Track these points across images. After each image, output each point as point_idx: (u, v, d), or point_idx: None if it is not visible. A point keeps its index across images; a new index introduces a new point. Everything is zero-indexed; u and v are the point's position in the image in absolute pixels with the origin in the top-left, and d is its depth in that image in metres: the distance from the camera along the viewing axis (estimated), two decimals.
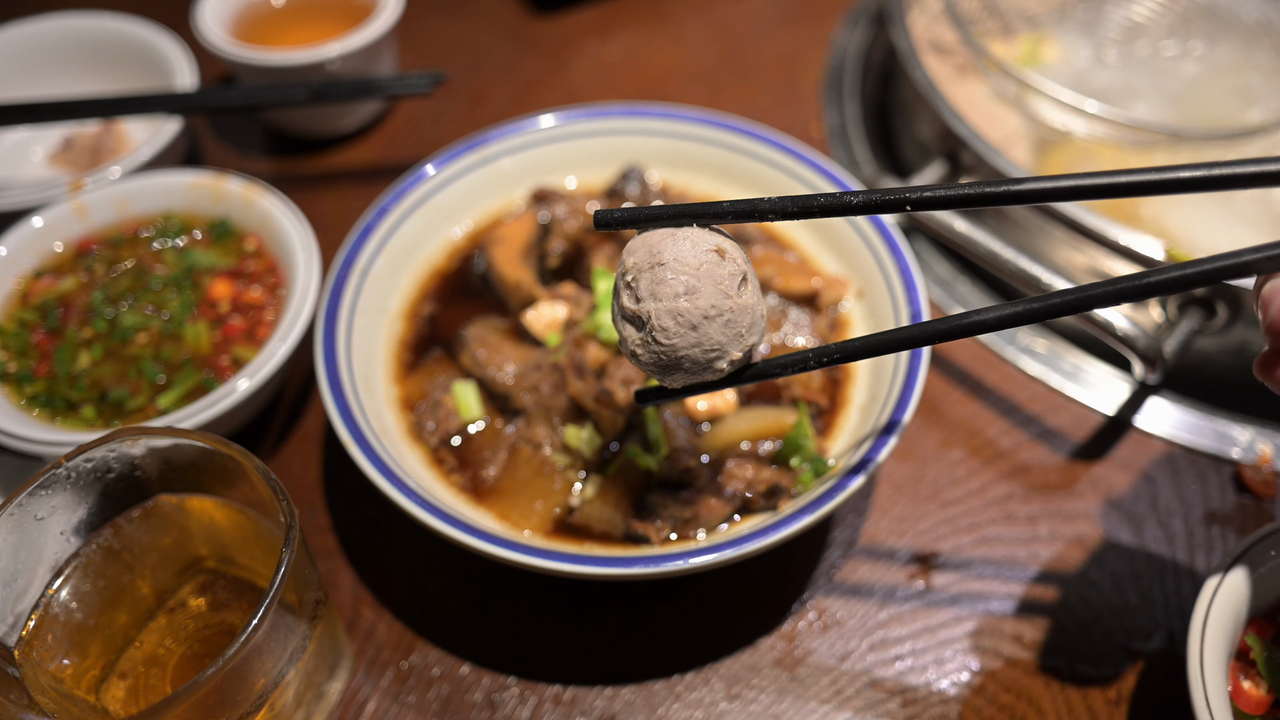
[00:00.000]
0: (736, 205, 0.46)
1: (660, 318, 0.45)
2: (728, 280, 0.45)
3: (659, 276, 0.44)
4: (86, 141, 0.88)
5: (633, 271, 0.46)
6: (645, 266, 0.45)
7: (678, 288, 0.44)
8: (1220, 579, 0.54)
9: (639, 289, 0.45)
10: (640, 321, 0.46)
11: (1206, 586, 0.54)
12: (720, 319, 0.45)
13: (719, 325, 0.45)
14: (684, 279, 0.44)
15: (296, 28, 0.98)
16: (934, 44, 0.94)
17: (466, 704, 0.59)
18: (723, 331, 0.45)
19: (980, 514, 0.68)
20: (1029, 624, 0.62)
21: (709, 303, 0.44)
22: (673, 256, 0.44)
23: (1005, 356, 0.78)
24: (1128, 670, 0.60)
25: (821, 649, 0.61)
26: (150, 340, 0.71)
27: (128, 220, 0.77)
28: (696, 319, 0.44)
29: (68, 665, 0.51)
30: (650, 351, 0.46)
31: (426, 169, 0.76)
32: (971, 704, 0.59)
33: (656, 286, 0.44)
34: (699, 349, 0.45)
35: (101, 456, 0.51)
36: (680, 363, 0.46)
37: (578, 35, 1.09)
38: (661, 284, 0.44)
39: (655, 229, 0.46)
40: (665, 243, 0.45)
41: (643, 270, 0.45)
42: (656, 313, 0.45)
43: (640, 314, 0.45)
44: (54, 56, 0.93)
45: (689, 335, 0.45)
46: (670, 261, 0.44)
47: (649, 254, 0.45)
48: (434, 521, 0.55)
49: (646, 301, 0.45)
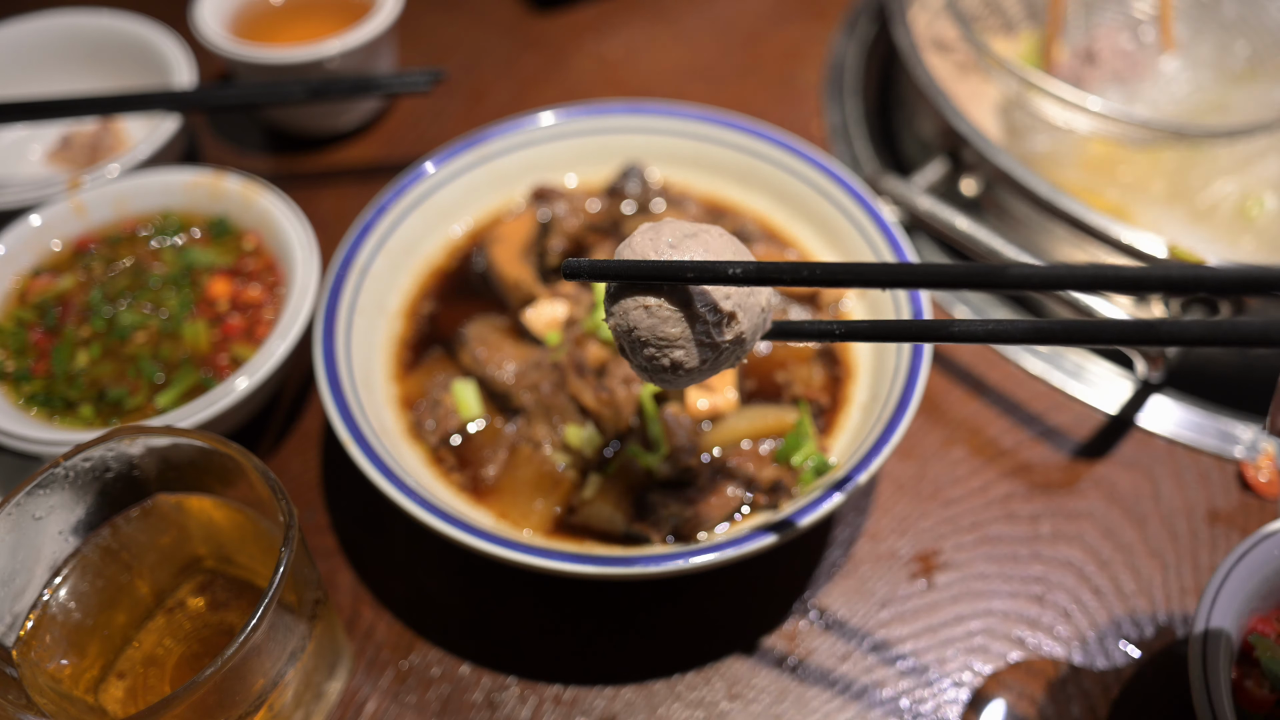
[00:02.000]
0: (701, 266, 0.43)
1: (651, 375, 0.46)
2: (713, 331, 0.44)
3: (646, 354, 0.44)
4: (85, 139, 0.88)
5: (620, 335, 0.46)
6: (626, 340, 0.45)
7: (664, 362, 0.44)
8: (1223, 578, 0.54)
9: (631, 356, 0.46)
10: (635, 366, 0.47)
11: (1209, 586, 0.54)
12: (715, 359, 0.45)
13: (709, 368, 0.45)
14: (669, 353, 0.44)
15: (295, 25, 0.97)
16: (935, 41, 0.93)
17: (466, 704, 0.59)
18: (725, 361, 0.46)
19: (982, 513, 0.68)
20: (1030, 624, 0.62)
21: (699, 360, 0.44)
22: (651, 333, 0.44)
23: (1007, 355, 0.78)
24: (1130, 670, 0.60)
25: (823, 648, 0.61)
26: (149, 339, 0.70)
27: (126, 218, 0.77)
28: (696, 374, 0.45)
29: (66, 665, 0.51)
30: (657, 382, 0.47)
31: (426, 167, 0.76)
32: (973, 704, 0.59)
33: (646, 362, 0.45)
34: (712, 372, 0.46)
35: (100, 456, 0.51)
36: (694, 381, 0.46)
37: (577, 33, 1.09)
38: (651, 360, 0.44)
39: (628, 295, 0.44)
40: (639, 317, 0.44)
41: (626, 341, 0.45)
42: (649, 370, 0.45)
43: (636, 366, 0.46)
44: (52, 54, 0.93)
45: (682, 379, 0.46)
46: (650, 339, 0.44)
47: (627, 325, 0.44)
48: (433, 521, 0.55)
49: (644, 371, 0.46)
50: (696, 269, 0.42)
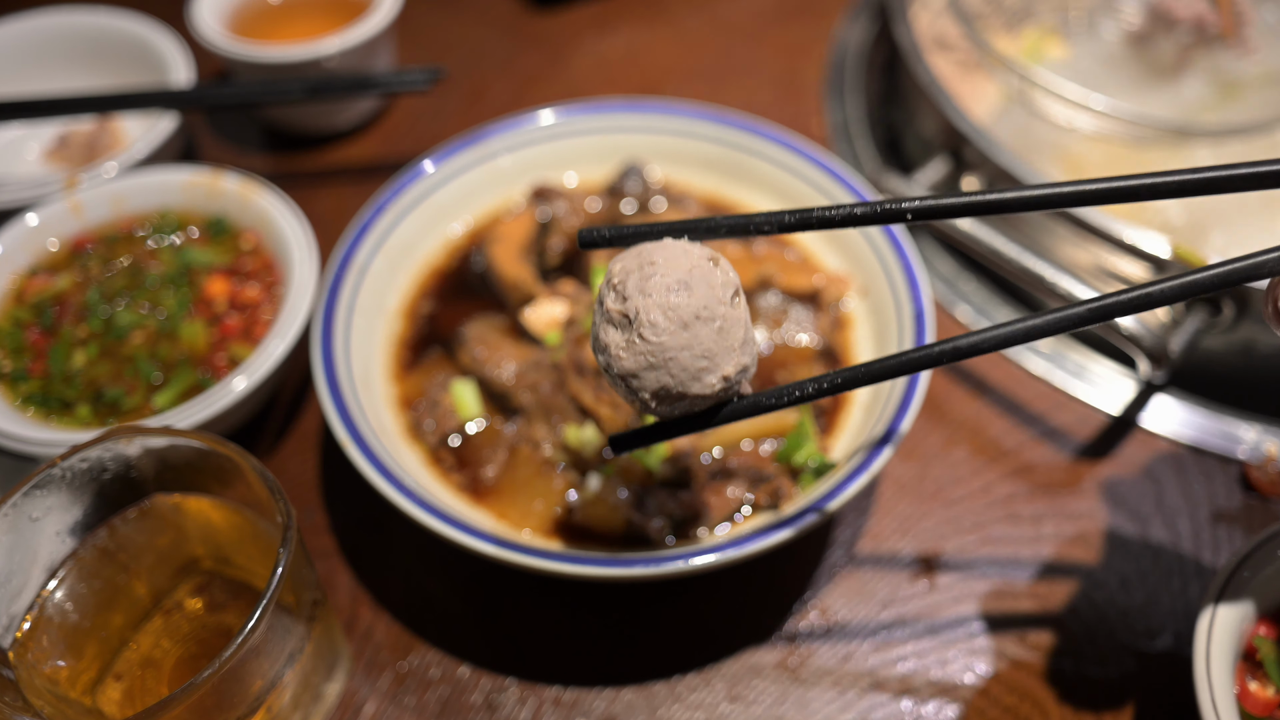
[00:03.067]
0: (730, 220, 0.44)
1: (650, 312, 0.42)
2: (721, 287, 0.42)
3: (649, 274, 0.42)
4: (82, 138, 0.88)
5: (619, 275, 0.43)
6: (634, 269, 0.43)
7: (670, 282, 0.42)
8: (1227, 579, 0.54)
9: (626, 288, 0.43)
10: (627, 321, 0.42)
11: (1213, 587, 0.53)
12: (713, 323, 0.42)
13: (711, 330, 0.42)
14: (677, 275, 0.42)
15: (293, 23, 0.97)
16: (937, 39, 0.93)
17: (465, 705, 0.59)
18: (715, 338, 0.42)
19: (984, 513, 0.68)
20: (1033, 625, 0.62)
21: (702, 302, 0.42)
22: (664, 258, 0.42)
23: (1009, 355, 0.77)
24: (1133, 671, 0.60)
25: (824, 649, 0.61)
26: (146, 339, 0.70)
27: (123, 218, 0.77)
28: (688, 316, 0.42)
29: (63, 667, 0.51)
30: (635, 354, 0.42)
31: (425, 166, 0.76)
32: (975, 705, 0.59)
33: (646, 283, 0.42)
34: (688, 353, 0.42)
35: (97, 456, 0.51)
36: (668, 366, 0.42)
37: (577, 31, 1.09)
38: (651, 279, 0.42)
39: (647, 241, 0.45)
40: (656, 248, 0.44)
41: (631, 272, 0.43)
42: (646, 308, 0.42)
43: (627, 311, 0.42)
44: (49, 52, 0.92)
45: (680, 335, 0.42)
46: (661, 262, 0.42)
47: (638, 259, 0.43)
48: (432, 522, 0.55)
49: (635, 298, 0.42)
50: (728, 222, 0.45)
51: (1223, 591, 0.53)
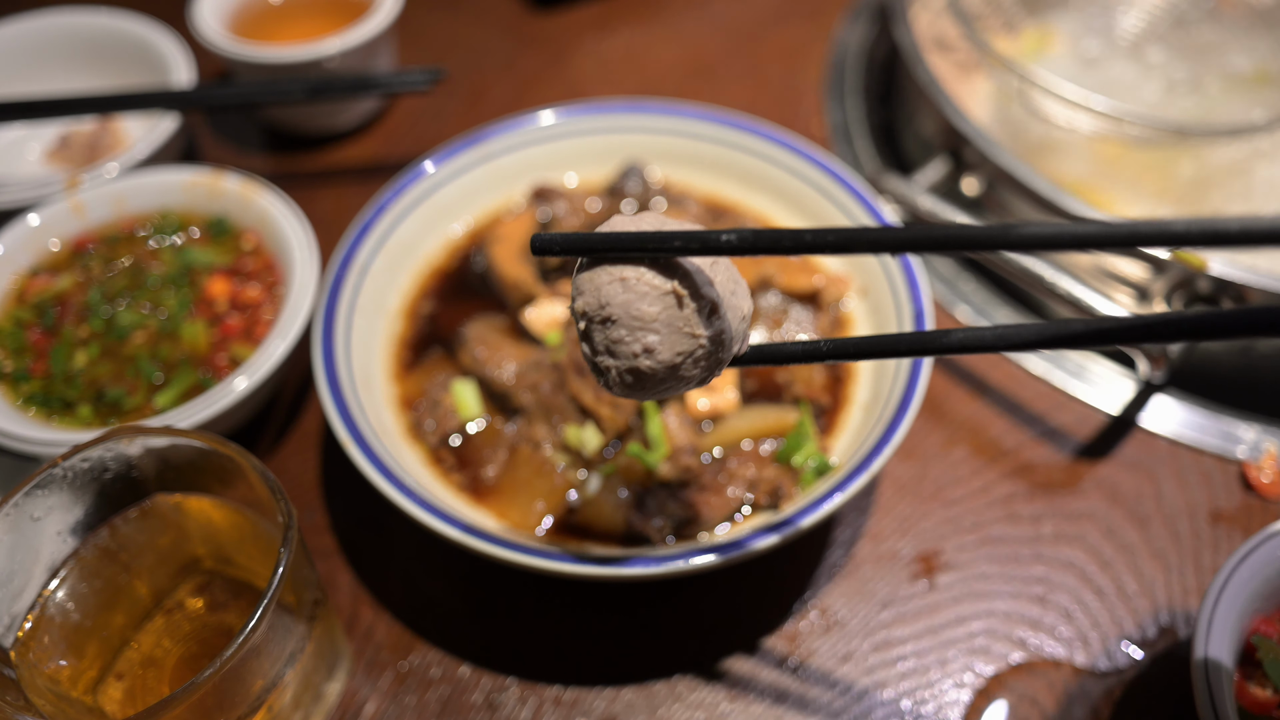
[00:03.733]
0: (688, 237, 0.38)
1: (622, 375, 0.40)
2: (693, 319, 0.39)
3: (613, 335, 0.39)
4: (83, 139, 0.88)
5: (583, 318, 0.40)
6: (596, 318, 0.40)
7: (635, 347, 0.39)
8: (1226, 579, 0.54)
9: (594, 340, 0.40)
10: (602, 372, 0.41)
11: (1212, 587, 0.53)
12: (689, 360, 0.40)
13: (688, 365, 0.40)
14: (641, 337, 0.39)
15: (294, 24, 0.97)
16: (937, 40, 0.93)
17: (466, 705, 0.59)
18: (694, 368, 0.40)
19: (983, 513, 0.68)
20: (1032, 625, 0.62)
21: (673, 353, 0.39)
22: (624, 310, 0.38)
23: (1009, 354, 0.77)
24: (1133, 671, 0.60)
25: (824, 649, 0.61)
26: (147, 339, 0.70)
27: (125, 218, 0.77)
28: (662, 372, 0.40)
29: (64, 666, 0.51)
30: (616, 393, 0.42)
31: (425, 166, 0.76)
32: (975, 705, 0.59)
33: (612, 345, 0.39)
34: (671, 389, 0.41)
35: (98, 456, 0.51)
36: (658, 392, 0.42)
37: (578, 31, 1.09)
38: (618, 343, 0.39)
39: (601, 267, 0.39)
40: (614, 291, 0.39)
41: (594, 322, 0.40)
42: (617, 370, 0.40)
43: (600, 366, 0.41)
44: (50, 53, 0.92)
45: (657, 385, 0.40)
46: (623, 317, 0.38)
47: (598, 302, 0.39)
48: (433, 521, 0.55)
49: (604, 357, 0.40)
50: (684, 238, 0.37)
51: (1222, 591, 0.53)
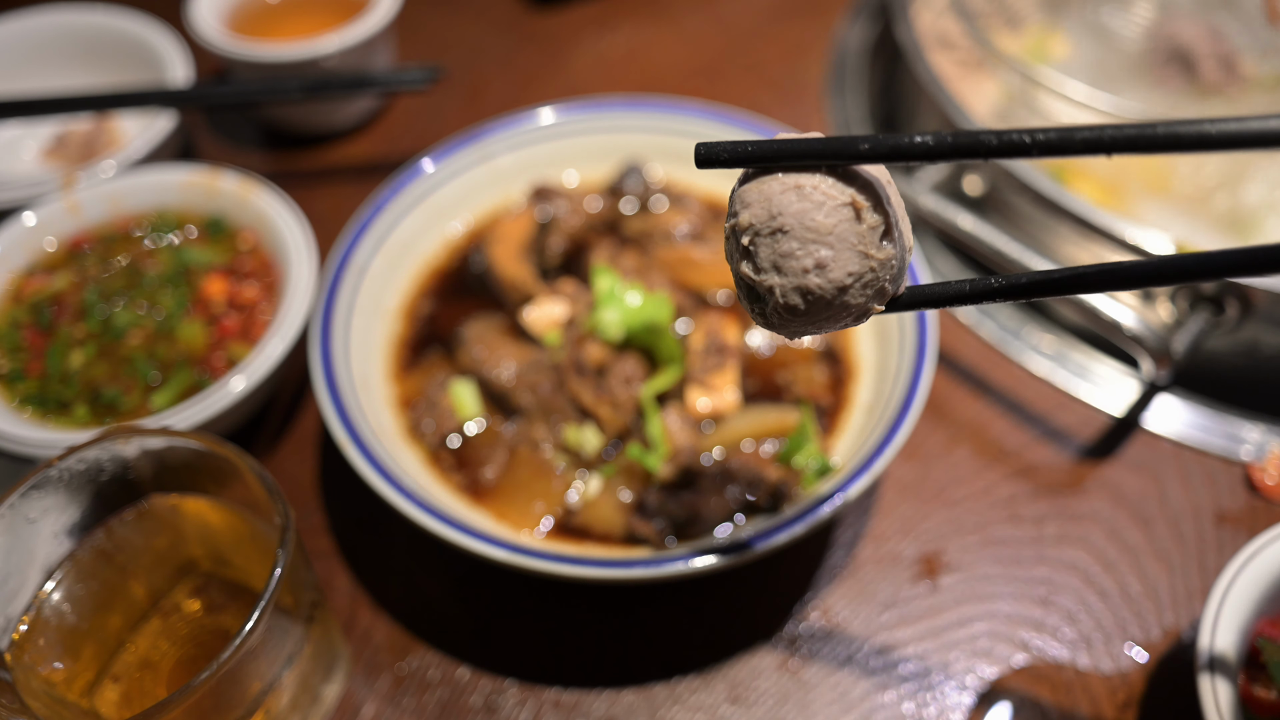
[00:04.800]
0: (875, 140, 0.35)
1: (787, 296, 0.37)
2: (867, 237, 0.36)
3: (783, 248, 0.36)
4: (79, 137, 0.88)
5: (748, 232, 0.37)
6: (764, 230, 0.37)
7: (806, 261, 0.36)
8: (1230, 581, 0.53)
9: (758, 256, 0.37)
10: (760, 297, 0.38)
11: (1216, 588, 0.53)
12: (858, 284, 0.37)
13: (856, 290, 0.37)
14: (814, 250, 0.36)
15: (292, 21, 0.97)
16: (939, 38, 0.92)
17: (465, 708, 0.59)
18: (860, 294, 0.38)
19: (986, 514, 0.67)
20: (1035, 626, 0.62)
21: (844, 272, 0.37)
22: (798, 220, 0.36)
23: (1011, 355, 0.77)
24: (1136, 674, 0.60)
25: (825, 651, 0.61)
26: (144, 339, 0.70)
27: (121, 217, 0.76)
28: (830, 293, 0.37)
29: (60, 669, 0.50)
30: (773, 324, 0.39)
31: (424, 165, 0.75)
32: (978, 708, 0.58)
33: (781, 260, 0.37)
34: (830, 321, 0.39)
35: (94, 457, 0.51)
36: (808, 329, 0.39)
37: (577, 29, 1.08)
38: (788, 257, 0.36)
39: (772, 176, 0.37)
40: (788, 200, 0.36)
41: (761, 235, 0.37)
42: (782, 289, 0.37)
43: (760, 287, 0.38)
44: (46, 51, 0.92)
45: (820, 311, 0.38)
46: (795, 228, 0.36)
47: (768, 213, 0.37)
48: (432, 523, 0.55)
49: (769, 274, 0.37)
50: (871, 140, 0.35)
51: (1226, 594, 0.53)
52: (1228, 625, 0.52)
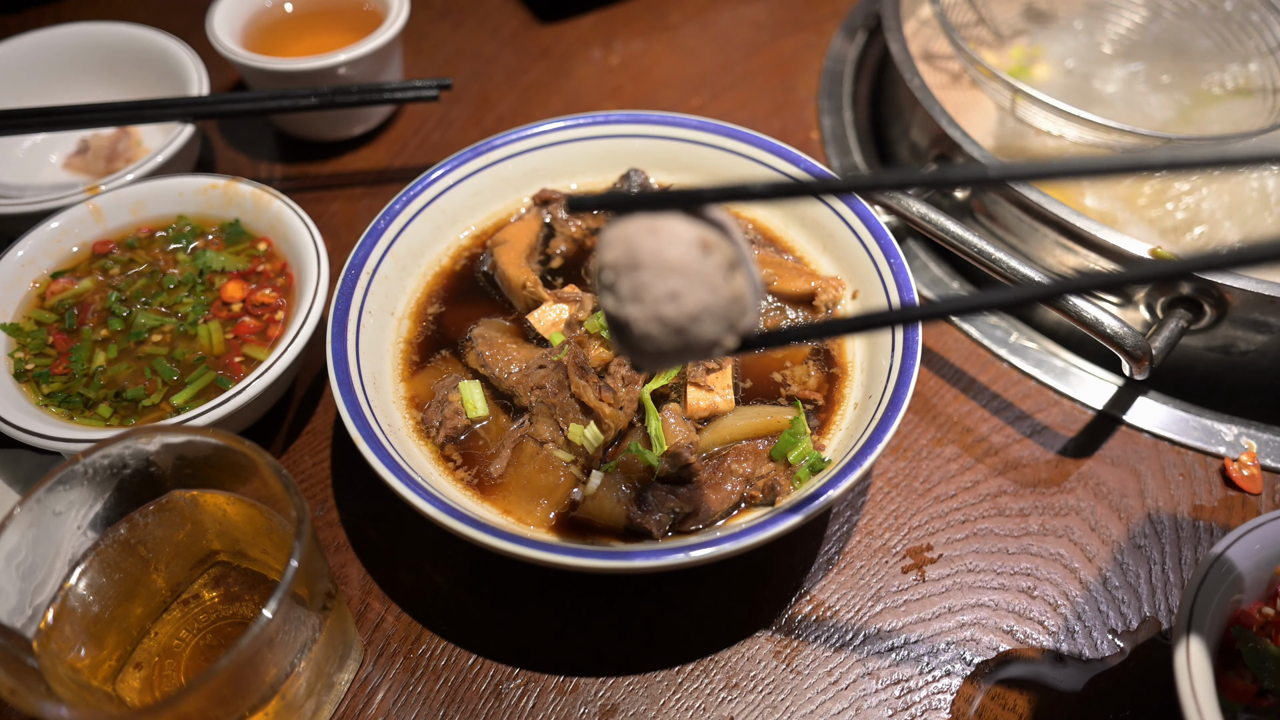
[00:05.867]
0: (721, 190, 0.40)
1: (646, 324, 0.41)
2: (715, 272, 0.40)
3: (640, 281, 0.40)
4: (102, 146, 0.90)
5: (610, 269, 0.41)
6: (624, 266, 0.41)
7: (660, 291, 0.40)
8: (1206, 572, 0.55)
9: (619, 289, 0.41)
10: (622, 329, 0.42)
11: (1193, 579, 0.55)
12: (710, 315, 0.41)
13: (709, 322, 0.41)
14: (668, 281, 0.40)
15: (306, 37, 1.00)
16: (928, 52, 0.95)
17: (473, 694, 0.61)
18: (713, 327, 0.41)
19: (973, 509, 0.70)
20: (1019, 615, 0.64)
21: (697, 303, 0.40)
22: (653, 255, 0.40)
23: (998, 355, 0.79)
24: (1116, 661, 0.62)
25: (818, 640, 0.63)
26: (164, 340, 0.72)
27: (142, 223, 0.79)
28: (683, 322, 0.41)
29: (85, 656, 0.52)
30: (636, 355, 0.43)
31: (433, 173, 0.78)
32: (964, 692, 0.60)
33: (639, 290, 0.40)
34: (689, 350, 0.42)
35: (118, 453, 0.52)
36: (669, 361, 0.44)
37: (580, 43, 1.11)
38: (644, 289, 0.40)
39: (632, 219, 0.41)
40: (643, 238, 0.40)
41: (621, 271, 0.41)
42: (640, 319, 0.41)
43: (621, 318, 0.42)
44: (71, 64, 0.95)
45: (675, 339, 0.41)
46: (650, 262, 0.40)
47: (626, 252, 0.41)
48: (441, 516, 0.57)
49: (628, 305, 0.41)
50: (715, 191, 0.40)
51: (1202, 584, 0.55)
52: (1204, 614, 0.54)
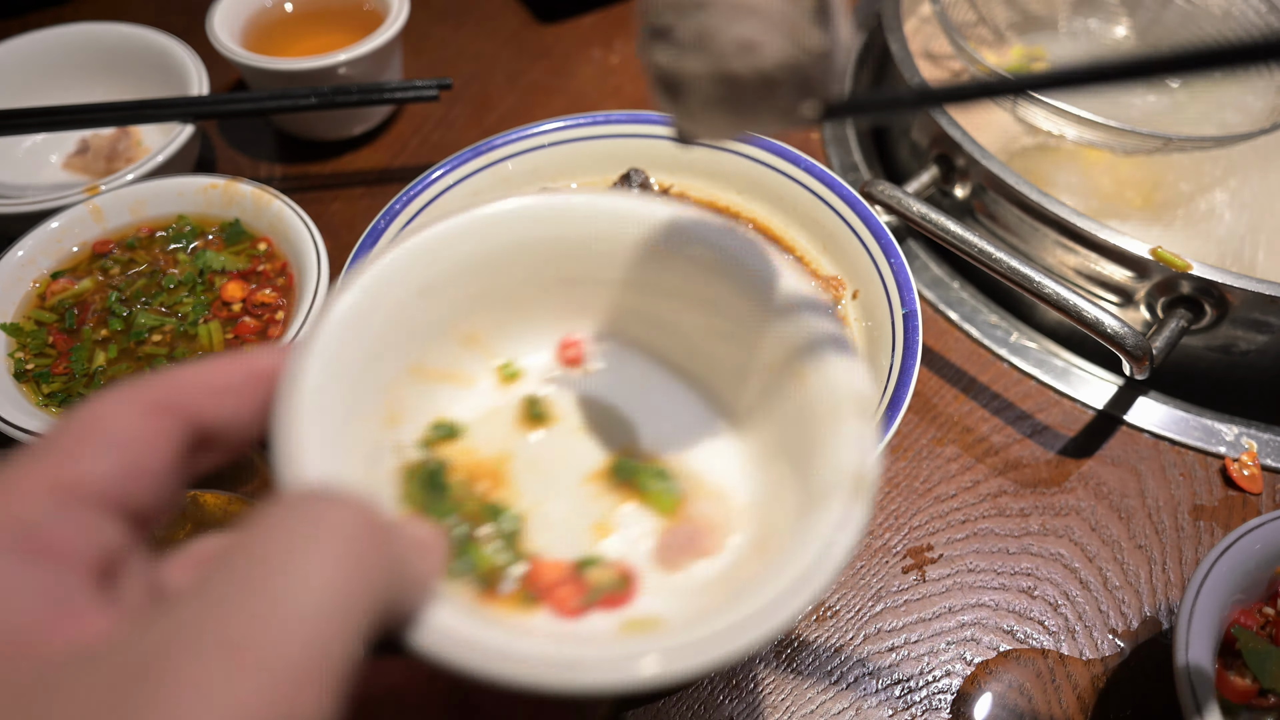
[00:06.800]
0: None
1: (705, 86, 0.30)
2: (799, 19, 0.29)
3: (708, 22, 0.30)
4: (102, 146, 0.90)
5: (668, 10, 0.30)
6: (687, 4, 0.30)
7: (731, 35, 0.29)
8: (1207, 572, 0.55)
9: (678, 34, 0.30)
10: (678, 88, 0.31)
11: (1193, 579, 0.55)
12: (791, 75, 0.30)
13: (789, 87, 0.30)
14: (741, 26, 0.29)
15: (307, 37, 1.00)
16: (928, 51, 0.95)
17: None
18: (790, 88, 0.30)
19: (973, 509, 0.70)
20: (1020, 616, 0.64)
21: (776, 59, 0.30)
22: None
23: (998, 355, 0.80)
24: (1117, 660, 0.62)
25: (818, 640, 0.63)
26: (164, 340, 0.72)
27: (142, 223, 0.79)
28: (757, 81, 0.30)
29: None
30: (693, 123, 0.32)
31: (433, 173, 0.78)
32: (964, 692, 0.60)
33: (704, 35, 0.30)
34: (756, 116, 0.32)
35: None
36: (733, 130, 0.32)
37: (581, 43, 1.11)
38: (711, 34, 0.30)
39: None
40: None
41: (683, 8, 0.30)
42: (703, 76, 0.30)
43: (680, 76, 0.31)
44: (71, 64, 0.95)
45: (745, 102, 0.31)
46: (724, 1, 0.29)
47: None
48: None
49: (689, 56, 0.30)
50: None
51: (1203, 584, 0.55)
52: (1204, 614, 0.54)
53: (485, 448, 0.42)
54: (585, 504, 0.41)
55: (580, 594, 0.38)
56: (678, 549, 0.41)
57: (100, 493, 0.28)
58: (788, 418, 0.40)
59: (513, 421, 0.43)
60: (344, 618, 0.23)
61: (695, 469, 0.43)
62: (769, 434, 0.42)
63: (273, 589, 0.23)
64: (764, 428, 0.42)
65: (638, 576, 0.40)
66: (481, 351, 0.41)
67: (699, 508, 0.42)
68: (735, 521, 0.41)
